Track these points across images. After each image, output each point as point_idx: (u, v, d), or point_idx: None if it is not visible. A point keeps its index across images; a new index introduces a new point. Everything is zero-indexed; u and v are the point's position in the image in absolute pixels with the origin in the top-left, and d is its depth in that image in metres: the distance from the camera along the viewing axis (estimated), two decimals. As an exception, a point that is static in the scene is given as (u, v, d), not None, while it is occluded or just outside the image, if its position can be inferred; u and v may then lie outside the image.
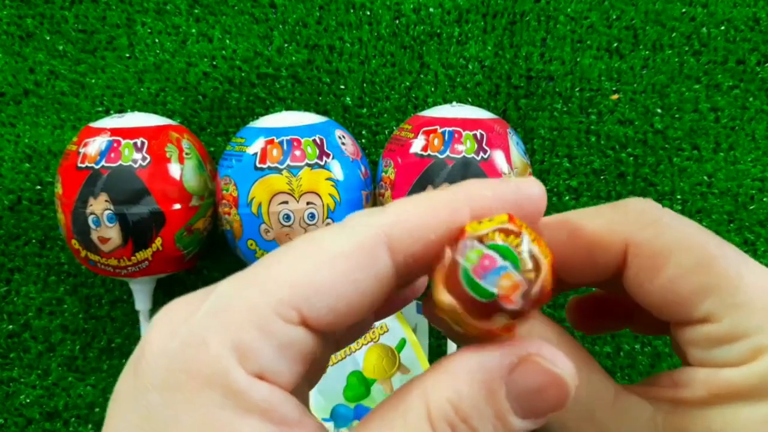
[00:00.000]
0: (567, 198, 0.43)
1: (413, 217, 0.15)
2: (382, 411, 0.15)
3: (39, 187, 0.44)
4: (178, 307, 0.15)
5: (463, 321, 0.13)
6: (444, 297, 0.13)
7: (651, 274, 0.16)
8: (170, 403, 0.14)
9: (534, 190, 0.16)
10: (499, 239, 0.13)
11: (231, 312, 0.14)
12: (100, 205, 0.36)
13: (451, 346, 0.41)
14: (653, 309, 0.17)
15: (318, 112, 0.41)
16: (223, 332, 0.14)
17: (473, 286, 0.12)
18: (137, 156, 0.36)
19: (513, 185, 0.16)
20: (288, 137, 0.36)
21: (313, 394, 0.40)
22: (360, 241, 0.15)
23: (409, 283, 0.18)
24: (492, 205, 0.15)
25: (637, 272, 0.17)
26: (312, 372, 0.18)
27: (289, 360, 0.14)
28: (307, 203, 0.35)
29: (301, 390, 0.17)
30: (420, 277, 0.17)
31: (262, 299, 0.14)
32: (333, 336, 0.17)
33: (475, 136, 0.36)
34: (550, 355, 0.15)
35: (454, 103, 0.41)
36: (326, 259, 0.14)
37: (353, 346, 0.41)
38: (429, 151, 0.36)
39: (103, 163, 0.36)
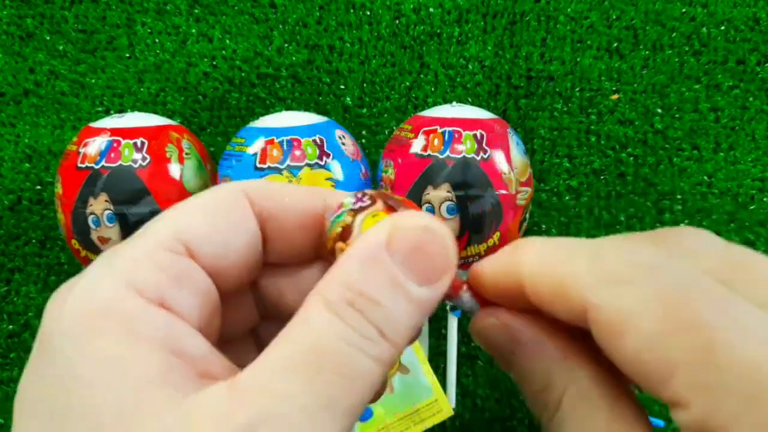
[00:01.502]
0: (567, 198, 0.43)
1: (271, 185, 0.17)
2: (286, 327, 0.15)
3: (39, 187, 0.44)
4: (71, 279, 0.16)
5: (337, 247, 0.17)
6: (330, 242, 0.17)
7: (614, 343, 0.14)
8: (76, 345, 0.14)
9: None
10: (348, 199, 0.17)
11: (119, 257, 0.15)
12: (100, 205, 0.36)
13: (451, 345, 0.41)
14: (626, 372, 0.15)
15: (318, 112, 0.41)
16: (116, 272, 0.14)
17: (331, 224, 0.17)
18: (137, 156, 0.36)
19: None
20: (288, 137, 0.36)
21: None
22: (225, 191, 0.17)
23: (287, 250, 0.18)
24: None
25: (600, 338, 0.15)
26: (225, 328, 0.18)
27: (187, 291, 0.15)
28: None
29: (213, 339, 0.17)
30: (293, 245, 0.18)
31: (147, 240, 0.15)
32: (228, 283, 0.17)
33: (475, 136, 0.36)
34: (416, 216, 0.15)
35: (454, 103, 0.41)
36: (200, 203, 0.16)
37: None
38: (429, 151, 0.36)
39: (103, 163, 0.36)
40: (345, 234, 0.16)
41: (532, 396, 0.17)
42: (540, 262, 0.16)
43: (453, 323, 0.39)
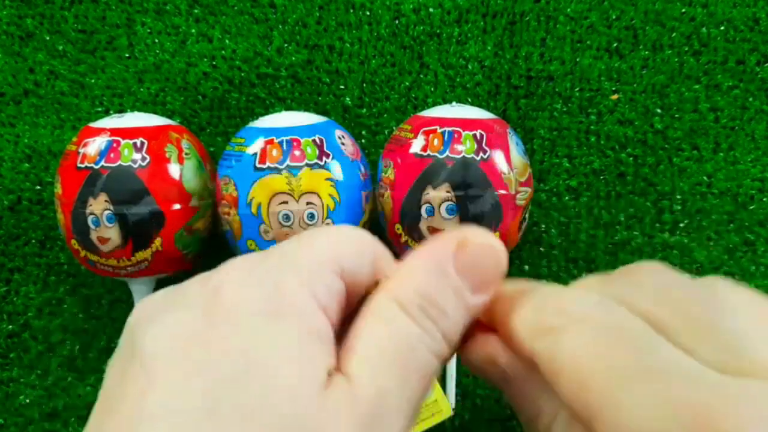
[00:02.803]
0: (567, 198, 0.43)
1: (386, 262, 0.19)
2: (359, 326, 0.17)
3: (39, 187, 0.44)
4: (244, 259, 0.18)
5: None
6: None
7: (553, 383, 0.16)
8: (261, 325, 0.16)
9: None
10: None
11: (300, 262, 0.17)
12: (99, 206, 0.36)
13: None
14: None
15: (318, 112, 0.41)
16: (298, 274, 0.17)
17: None
18: (137, 156, 0.36)
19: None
20: (288, 137, 0.36)
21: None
22: (367, 238, 0.19)
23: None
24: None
25: (545, 377, 0.16)
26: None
27: (336, 304, 0.17)
28: (307, 203, 0.35)
29: None
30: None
31: (320, 256, 0.17)
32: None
33: (474, 136, 0.36)
34: (479, 234, 0.18)
35: (454, 103, 0.41)
36: (352, 238, 0.19)
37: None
38: (429, 152, 0.36)
39: (102, 163, 0.36)
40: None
41: (525, 422, 0.19)
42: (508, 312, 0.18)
43: (453, 323, 0.39)
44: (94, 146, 0.36)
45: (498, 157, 0.36)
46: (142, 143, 0.36)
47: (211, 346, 0.15)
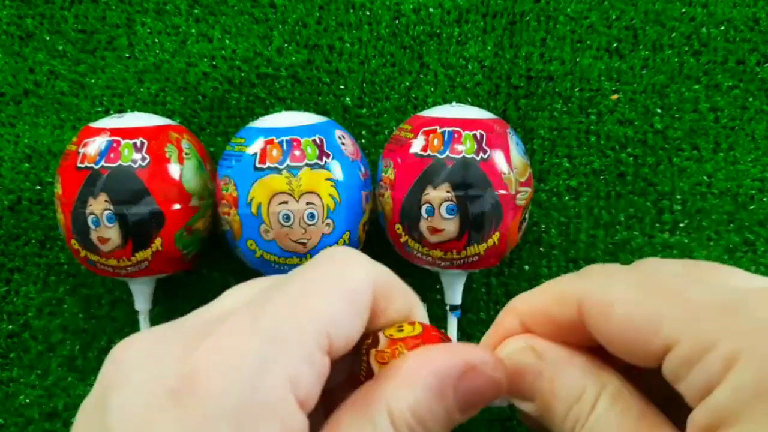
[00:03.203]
0: (567, 198, 0.43)
1: (391, 284, 0.19)
2: (349, 417, 0.17)
3: (39, 187, 0.44)
4: (230, 328, 0.16)
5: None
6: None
7: (605, 320, 0.17)
8: (229, 424, 0.14)
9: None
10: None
11: (284, 342, 0.16)
12: (99, 206, 0.36)
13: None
14: (625, 355, 0.17)
15: (318, 112, 0.41)
16: (280, 364, 0.15)
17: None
18: (137, 156, 0.36)
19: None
20: (288, 137, 0.36)
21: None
22: (364, 284, 0.18)
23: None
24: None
25: (594, 322, 0.18)
26: None
27: (318, 386, 0.16)
28: (307, 203, 0.35)
29: None
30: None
31: (306, 328, 0.16)
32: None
33: (474, 136, 0.36)
34: (490, 363, 0.18)
35: (454, 103, 0.41)
36: (345, 294, 0.17)
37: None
38: (429, 152, 0.36)
39: (102, 163, 0.36)
40: (373, 341, 0.19)
41: (563, 413, 0.19)
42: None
43: (453, 323, 0.39)
44: (94, 146, 0.36)
45: (498, 157, 0.36)
46: (142, 143, 0.36)
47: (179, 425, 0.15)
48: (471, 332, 0.42)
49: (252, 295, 0.18)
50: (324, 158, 0.36)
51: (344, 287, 0.17)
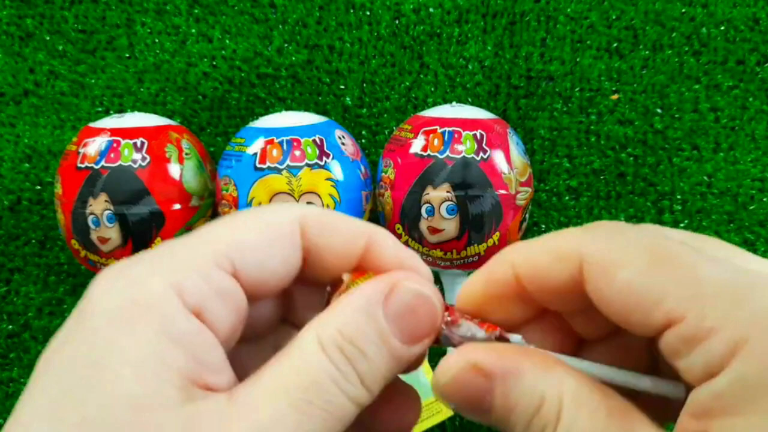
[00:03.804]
0: (567, 198, 0.43)
1: (329, 218, 0.18)
2: (281, 352, 0.16)
3: (39, 187, 0.44)
4: (121, 262, 0.17)
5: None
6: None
7: (607, 282, 0.16)
8: (112, 328, 0.15)
9: (421, 269, 0.18)
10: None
11: (173, 258, 0.16)
12: (99, 206, 0.36)
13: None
14: (621, 322, 0.17)
15: (318, 112, 0.41)
16: (165, 273, 0.16)
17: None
18: (137, 156, 0.36)
19: (409, 262, 0.18)
20: (288, 137, 0.36)
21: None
22: (283, 217, 0.18)
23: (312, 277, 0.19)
24: (384, 258, 0.18)
25: (595, 283, 0.17)
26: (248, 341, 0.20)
27: (225, 306, 0.16)
28: (307, 203, 0.35)
29: (236, 353, 0.18)
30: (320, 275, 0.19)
31: (202, 249, 0.16)
32: (257, 296, 0.18)
33: (474, 136, 0.36)
34: (416, 281, 0.17)
35: (454, 103, 0.41)
36: (256, 225, 0.17)
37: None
38: (429, 151, 0.36)
39: (102, 163, 0.36)
40: (336, 286, 0.18)
41: (524, 425, 0.18)
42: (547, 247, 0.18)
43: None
44: (94, 146, 0.36)
45: (498, 157, 0.36)
46: (142, 143, 0.36)
47: (64, 355, 0.15)
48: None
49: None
50: (324, 158, 0.36)
51: (256, 220, 0.17)
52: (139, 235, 0.36)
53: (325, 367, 0.16)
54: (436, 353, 0.43)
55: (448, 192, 0.35)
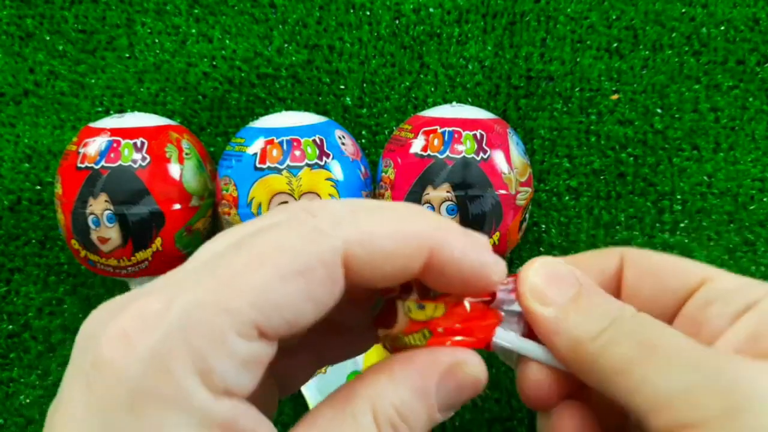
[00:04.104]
0: (567, 198, 0.43)
1: (377, 240, 0.16)
2: (330, 412, 0.16)
3: (39, 187, 0.44)
4: (123, 313, 0.15)
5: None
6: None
7: (645, 260, 0.21)
8: (137, 426, 0.14)
9: (493, 277, 0.18)
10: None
11: (193, 333, 0.14)
12: (99, 206, 0.36)
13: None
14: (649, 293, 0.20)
15: (318, 112, 0.41)
16: (186, 356, 0.14)
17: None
18: (137, 156, 0.36)
19: (478, 259, 0.17)
20: (288, 137, 0.36)
21: (313, 394, 0.40)
22: (320, 258, 0.15)
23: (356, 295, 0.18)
24: (451, 263, 0.17)
25: (633, 265, 0.21)
26: (278, 374, 0.20)
27: (250, 373, 0.15)
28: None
29: (265, 392, 0.18)
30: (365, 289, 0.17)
31: (223, 319, 0.14)
32: (287, 342, 0.17)
33: (475, 136, 0.36)
34: (470, 362, 0.18)
35: (454, 103, 0.41)
36: (287, 273, 0.15)
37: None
38: (429, 151, 0.36)
39: (102, 163, 0.36)
40: (390, 319, 0.18)
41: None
42: None
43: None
44: (94, 146, 0.36)
45: (498, 157, 0.36)
46: (142, 143, 0.36)
47: (94, 419, 0.14)
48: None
49: (206, 259, 0.16)
50: (324, 158, 0.36)
51: (288, 268, 0.15)
52: (140, 235, 0.36)
53: None
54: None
55: (448, 192, 0.35)
